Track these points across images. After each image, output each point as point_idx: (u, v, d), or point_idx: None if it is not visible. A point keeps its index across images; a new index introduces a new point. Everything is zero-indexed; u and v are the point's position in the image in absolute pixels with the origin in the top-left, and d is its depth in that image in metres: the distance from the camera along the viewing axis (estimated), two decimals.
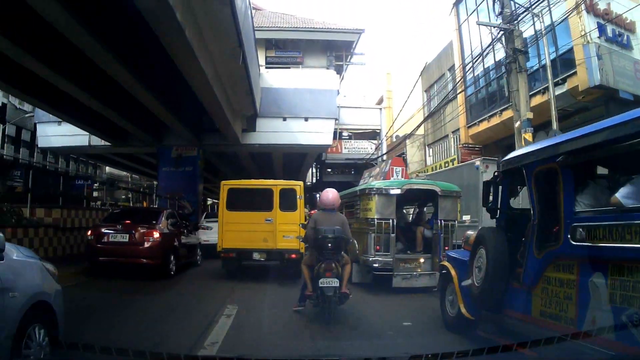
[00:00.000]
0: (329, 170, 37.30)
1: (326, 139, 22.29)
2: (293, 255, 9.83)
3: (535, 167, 4.35)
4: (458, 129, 26.06)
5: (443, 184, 10.12)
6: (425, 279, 9.16)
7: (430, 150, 31.60)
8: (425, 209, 10.78)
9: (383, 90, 38.20)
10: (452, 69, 27.04)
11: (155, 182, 30.82)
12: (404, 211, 11.64)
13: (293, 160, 27.40)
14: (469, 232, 6.18)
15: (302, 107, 22.16)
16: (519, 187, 5.45)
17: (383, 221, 8.80)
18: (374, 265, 8.83)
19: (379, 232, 8.75)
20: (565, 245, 3.76)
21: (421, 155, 32.00)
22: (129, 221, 10.91)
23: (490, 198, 5.27)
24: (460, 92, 21.48)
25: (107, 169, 47.32)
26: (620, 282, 3.15)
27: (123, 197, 44.95)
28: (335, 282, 5.91)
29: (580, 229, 3.60)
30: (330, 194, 6.75)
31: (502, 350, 3.29)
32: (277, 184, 10.49)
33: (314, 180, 48.56)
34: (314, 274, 6.27)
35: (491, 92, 19.85)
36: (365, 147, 35.18)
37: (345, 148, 35.04)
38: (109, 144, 24.08)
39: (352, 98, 39.95)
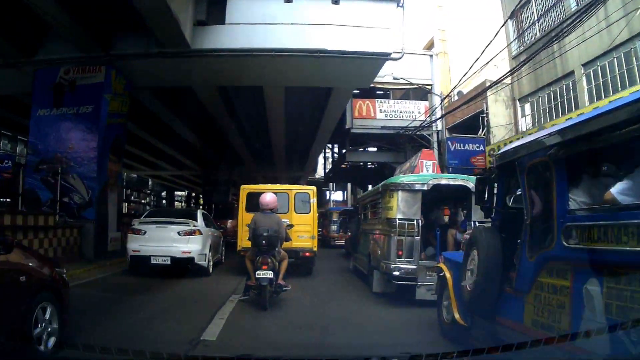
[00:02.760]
0: (351, 147, 25.06)
1: (381, 41, 10.30)
2: (307, 254, 10.06)
3: (528, 161, 3.99)
4: (598, 57, 14.72)
5: None
6: None
7: (527, 106, 19.80)
8: (460, 209, 9.16)
9: (434, 31, 26.15)
10: None
11: None
12: (439, 211, 9.91)
13: (303, 111, 15.32)
14: (469, 233, 5.91)
15: None
16: (515, 183, 4.54)
17: (406, 222, 7.65)
18: (394, 273, 7.56)
19: (401, 234, 7.64)
20: (557, 247, 3.44)
21: (509, 116, 20.04)
22: None
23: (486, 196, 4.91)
24: None
25: None
26: (617, 290, 2.89)
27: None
28: (270, 274, 6.51)
29: (574, 229, 3.33)
30: (267, 197, 7.36)
31: (502, 350, 3.13)
32: (292, 189, 10.53)
33: (327, 168, 36.55)
34: (255, 267, 6.75)
35: None
36: (411, 111, 23.44)
37: (380, 111, 23.35)
38: None
39: None
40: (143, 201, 54.09)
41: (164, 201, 56.79)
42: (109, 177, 10.98)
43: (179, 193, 59.06)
